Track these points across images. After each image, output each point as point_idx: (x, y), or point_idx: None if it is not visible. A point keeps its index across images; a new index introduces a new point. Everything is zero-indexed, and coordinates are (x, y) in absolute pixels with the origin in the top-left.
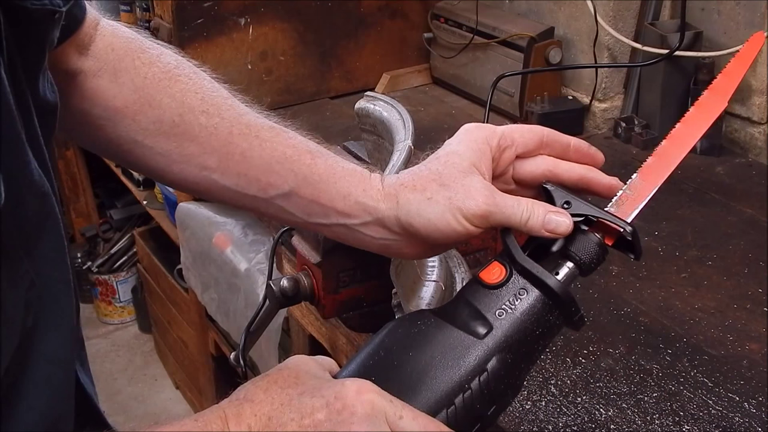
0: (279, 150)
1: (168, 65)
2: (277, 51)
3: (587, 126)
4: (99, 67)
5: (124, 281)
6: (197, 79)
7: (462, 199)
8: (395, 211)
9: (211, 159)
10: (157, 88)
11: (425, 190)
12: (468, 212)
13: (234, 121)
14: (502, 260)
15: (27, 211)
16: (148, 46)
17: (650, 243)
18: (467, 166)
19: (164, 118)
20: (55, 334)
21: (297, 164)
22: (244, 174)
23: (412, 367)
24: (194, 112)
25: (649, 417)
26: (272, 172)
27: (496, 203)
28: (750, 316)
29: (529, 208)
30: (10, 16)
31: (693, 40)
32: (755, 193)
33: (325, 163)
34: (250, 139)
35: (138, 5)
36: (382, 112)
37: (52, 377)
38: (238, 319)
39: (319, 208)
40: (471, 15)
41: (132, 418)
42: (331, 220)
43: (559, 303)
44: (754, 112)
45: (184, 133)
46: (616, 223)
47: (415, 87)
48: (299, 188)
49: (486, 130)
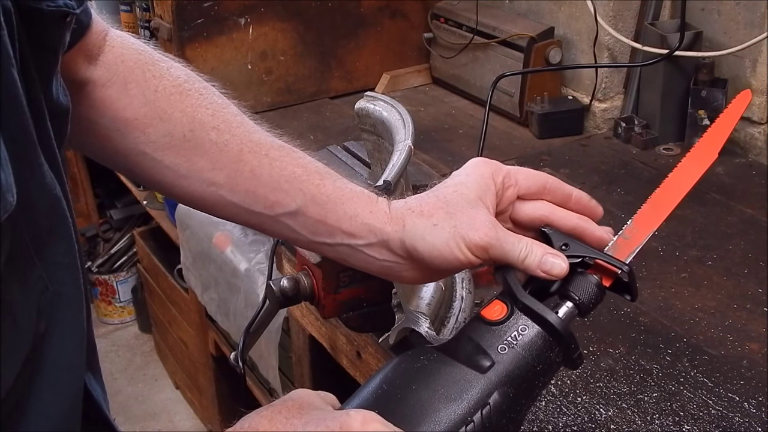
0: (288, 169)
1: (178, 79)
2: (277, 51)
3: (587, 126)
4: (109, 77)
5: (124, 281)
6: (208, 95)
7: (466, 228)
8: (401, 234)
9: (219, 175)
10: (168, 102)
11: (432, 217)
12: (471, 242)
13: (244, 138)
14: (503, 298)
15: (38, 215)
16: (158, 59)
17: (650, 243)
18: (474, 198)
19: (175, 132)
20: (67, 340)
21: (306, 184)
22: (252, 191)
23: (416, 400)
24: (205, 127)
25: (649, 417)
26: (280, 191)
27: (497, 237)
28: (750, 316)
29: (528, 247)
30: (25, 18)
31: (693, 40)
32: (755, 193)
33: (333, 184)
34: (260, 157)
35: (138, 5)
36: (382, 112)
37: (62, 384)
38: (238, 319)
39: (324, 227)
40: (471, 15)
41: (132, 418)
42: (335, 239)
43: (559, 340)
44: (754, 112)
45: (194, 148)
46: (613, 263)
47: (415, 87)
48: (306, 207)
49: (492, 166)
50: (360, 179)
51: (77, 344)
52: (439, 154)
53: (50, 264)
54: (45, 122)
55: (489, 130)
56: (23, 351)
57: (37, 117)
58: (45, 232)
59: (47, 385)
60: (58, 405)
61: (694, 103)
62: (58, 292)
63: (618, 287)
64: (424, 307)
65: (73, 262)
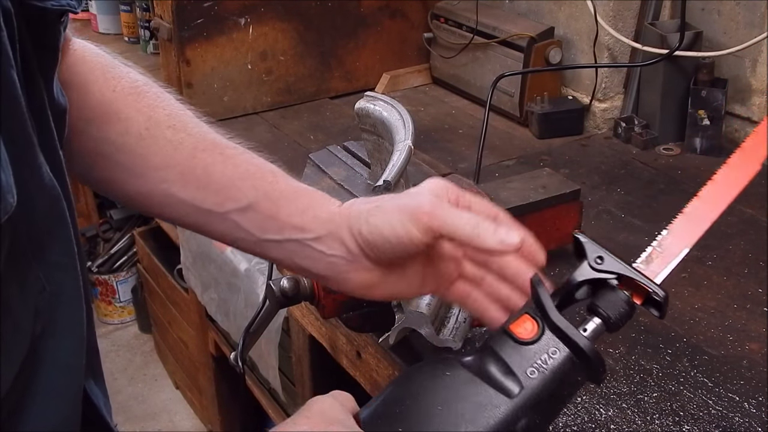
0: (242, 166)
1: (136, 81)
2: (277, 51)
3: (587, 126)
4: (70, 79)
5: (124, 281)
6: (165, 97)
7: (410, 206)
8: (348, 221)
9: (172, 172)
10: (126, 101)
11: (377, 202)
12: (414, 216)
13: (200, 137)
14: (534, 315)
15: (37, 215)
16: (117, 63)
17: (650, 243)
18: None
19: (131, 130)
20: (65, 341)
21: (259, 181)
22: (204, 187)
23: (441, 421)
24: (160, 126)
25: (649, 417)
26: (233, 187)
27: (443, 209)
28: (750, 316)
29: (478, 218)
30: (27, 18)
31: (693, 40)
32: (755, 193)
33: (286, 182)
34: (215, 155)
35: (138, 5)
36: (382, 112)
37: (60, 386)
38: (238, 319)
39: (274, 223)
40: (471, 15)
41: (132, 418)
42: (284, 235)
43: (587, 364)
44: (754, 112)
45: (150, 147)
46: (651, 288)
47: (415, 87)
48: (258, 203)
49: (448, 184)
50: (360, 179)
51: (76, 346)
52: (439, 154)
53: (48, 264)
54: (48, 123)
55: (489, 130)
56: (22, 351)
57: (39, 118)
58: (44, 232)
59: (45, 386)
60: (56, 407)
61: (694, 103)
62: (56, 293)
63: (649, 302)
64: (424, 307)
65: (72, 263)
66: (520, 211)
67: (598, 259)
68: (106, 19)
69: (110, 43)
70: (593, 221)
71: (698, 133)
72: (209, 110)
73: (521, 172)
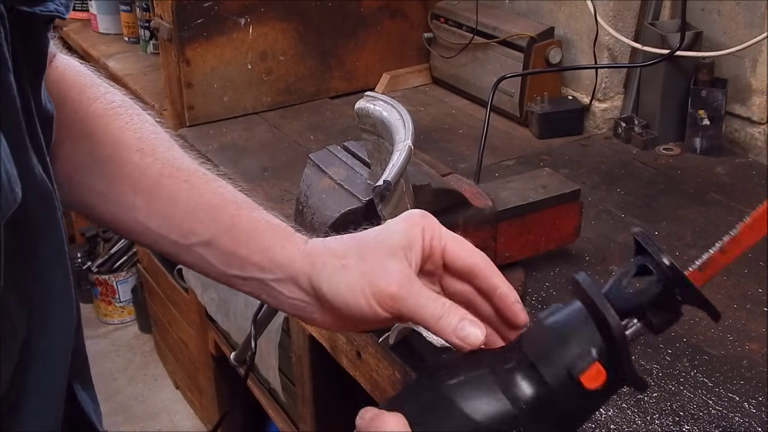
0: (206, 197)
1: (112, 103)
2: (277, 51)
3: (587, 126)
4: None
5: (124, 281)
6: (138, 120)
7: (376, 275)
8: (309, 271)
9: (138, 199)
10: (97, 123)
11: (343, 258)
12: (377, 291)
13: (166, 163)
14: (604, 362)
15: (30, 212)
16: (97, 83)
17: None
18: (395, 247)
19: (97, 152)
20: (53, 341)
21: (221, 213)
22: (169, 217)
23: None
24: (129, 149)
25: (649, 417)
26: (195, 219)
27: (410, 290)
28: (750, 316)
29: (444, 308)
30: (17, 23)
31: (693, 40)
32: (755, 193)
33: (249, 215)
34: (179, 183)
35: (138, 5)
36: (382, 112)
37: (49, 388)
38: (238, 319)
39: (236, 259)
40: (471, 15)
41: (132, 418)
42: (247, 273)
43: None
44: (754, 112)
45: (117, 170)
46: (709, 310)
47: (415, 87)
48: (219, 238)
49: (427, 222)
50: (360, 179)
51: (63, 345)
52: (439, 154)
53: (38, 261)
54: (36, 128)
55: (489, 129)
56: (14, 350)
57: (28, 123)
58: (36, 230)
59: (33, 388)
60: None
61: (694, 103)
62: (46, 292)
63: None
64: None
65: (62, 261)
66: (520, 211)
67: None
68: (106, 19)
69: (110, 43)
70: (593, 221)
71: (698, 133)
72: (209, 110)
73: (521, 172)
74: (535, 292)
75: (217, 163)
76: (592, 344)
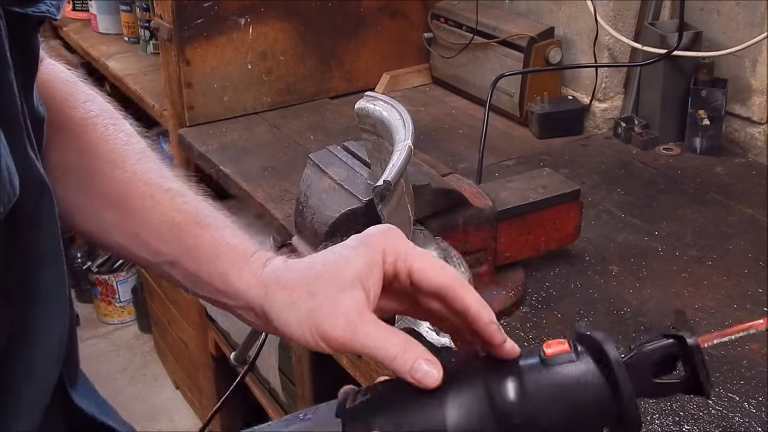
0: (169, 215)
1: (90, 112)
2: (277, 51)
3: (587, 126)
4: None
5: (124, 281)
6: (113, 130)
7: (323, 316)
8: (262, 301)
9: (109, 214)
10: (72, 133)
11: (292, 293)
12: (323, 332)
13: (134, 176)
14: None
15: (26, 208)
16: (79, 91)
17: (650, 243)
18: (351, 278)
19: (71, 162)
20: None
21: (183, 233)
22: (136, 234)
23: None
24: (100, 160)
25: (649, 417)
26: (160, 238)
27: (356, 333)
28: (750, 316)
29: (399, 347)
30: (10, 25)
31: (693, 40)
32: (755, 193)
33: (210, 237)
34: (145, 199)
35: (138, 5)
36: (382, 112)
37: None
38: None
39: (200, 281)
40: (471, 15)
41: (132, 418)
42: (213, 295)
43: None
44: (754, 112)
45: (89, 182)
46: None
47: (415, 87)
48: (182, 259)
49: (388, 242)
50: (360, 179)
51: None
52: (439, 154)
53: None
54: (29, 130)
55: (489, 130)
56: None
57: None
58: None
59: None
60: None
61: (694, 103)
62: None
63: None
64: None
65: (58, 258)
66: (520, 211)
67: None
68: (106, 19)
69: (110, 43)
70: (593, 221)
71: (698, 133)
72: (209, 110)
73: (521, 172)
74: (535, 292)
75: (217, 162)
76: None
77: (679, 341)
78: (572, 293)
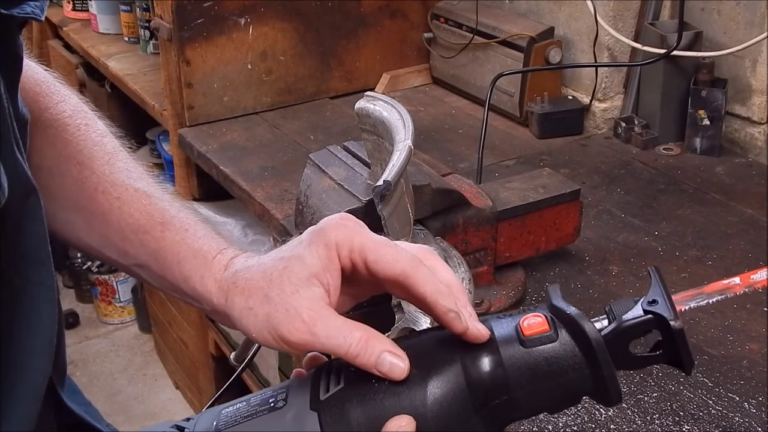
0: (134, 217)
1: (62, 113)
2: (277, 51)
3: (587, 126)
4: None
5: (124, 281)
6: (86, 130)
7: (279, 320)
8: (224, 307)
9: (77, 216)
10: (43, 134)
11: (249, 298)
12: (281, 336)
13: (103, 177)
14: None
15: (12, 208)
16: (53, 92)
17: (650, 243)
18: (305, 277)
19: (42, 164)
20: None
21: (148, 237)
22: (105, 236)
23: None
24: (69, 162)
25: (649, 417)
26: (127, 240)
27: (315, 333)
28: (750, 316)
29: (361, 342)
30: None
31: (693, 40)
32: (755, 193)
33: (173, 239)
34: (111, 200)
35: (138, 5)
36: (382, 112)
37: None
38: None
39: (169, 285)
40: (471, 15)
41: (132, 418)
42: (183, 298)
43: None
44: (754, 112)
45: (59, 184)
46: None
47: (415, 87)
48: (149, 262)
49: (342, 234)
50: (360, 179)
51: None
52: (439, 154)
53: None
54: (16, 132)
55: (489, 129)
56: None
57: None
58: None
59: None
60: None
61: (694, 103)
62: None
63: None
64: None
65: (45, 259)
66: (520, 211)
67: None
68: (106, 19)
69: (110, 43)
70: (593, 221)
71: (698, 133)
72: (209, 110)
73: (521, 172)
74: (535, 292)
75: (217, 162)
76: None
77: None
78: (572, 293)
